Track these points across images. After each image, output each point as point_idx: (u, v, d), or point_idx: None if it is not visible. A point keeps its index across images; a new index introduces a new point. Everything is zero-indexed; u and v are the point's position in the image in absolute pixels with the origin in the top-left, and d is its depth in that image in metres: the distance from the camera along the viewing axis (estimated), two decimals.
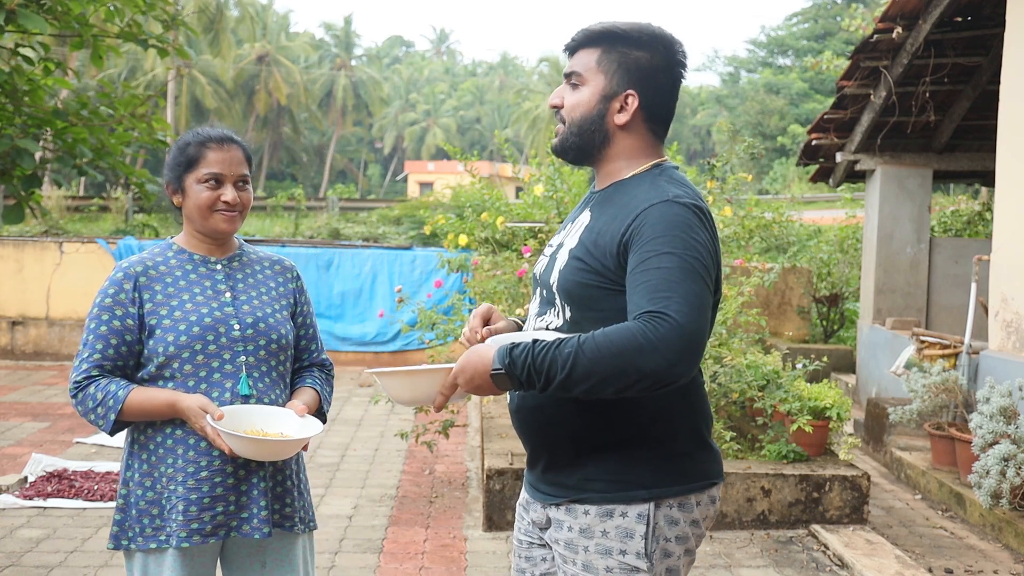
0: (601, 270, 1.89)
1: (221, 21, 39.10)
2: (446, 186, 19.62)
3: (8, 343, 10.84)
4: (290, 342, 2.47)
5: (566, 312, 1.95)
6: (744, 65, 54.70)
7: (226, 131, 2.44)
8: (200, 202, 2.37)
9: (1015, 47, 5.77)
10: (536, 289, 2.09)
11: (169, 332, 2.32)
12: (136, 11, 5.37)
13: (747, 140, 7.72)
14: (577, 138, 2.00)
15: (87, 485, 5.55)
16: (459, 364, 1.86)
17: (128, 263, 2.40)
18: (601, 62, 1.97)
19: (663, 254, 1.80)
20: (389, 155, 63.70)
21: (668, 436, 1.93)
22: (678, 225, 1.83)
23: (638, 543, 1.90)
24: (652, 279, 1.78)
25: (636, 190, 1.94)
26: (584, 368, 1.73)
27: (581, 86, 1.99)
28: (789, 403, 5.34)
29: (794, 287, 10.50)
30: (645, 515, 1.90)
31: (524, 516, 2.11)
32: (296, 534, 2.45)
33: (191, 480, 2.29)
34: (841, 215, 14.23)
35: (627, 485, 1.90)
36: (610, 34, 1.97)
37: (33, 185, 5.10)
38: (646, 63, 1.97)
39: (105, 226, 17.68)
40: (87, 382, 2.32)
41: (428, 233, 9.05)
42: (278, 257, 2.59)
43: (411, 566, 4.49)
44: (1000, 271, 5.80)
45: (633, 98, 1.96)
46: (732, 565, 4.58)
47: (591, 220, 1.98)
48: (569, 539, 1.94)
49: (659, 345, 1.71)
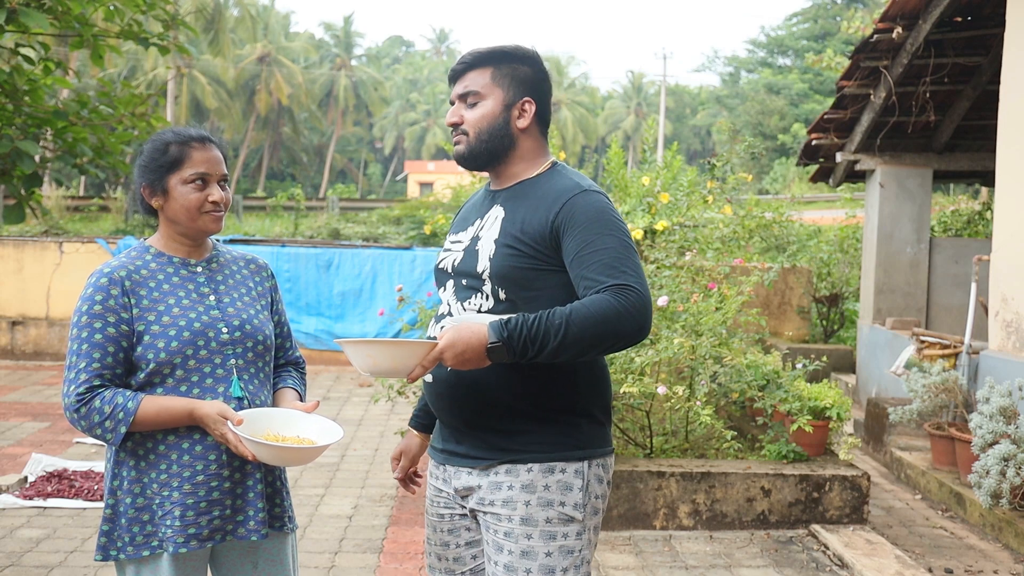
0: (534, 253, 2.15)
1: (221, 21, 39.08)
2: (446, 186, 19.62)
3: (8, 343, 10.84)
4: (273, 342, 2.48)
5: (500, 294, 2.17)
6: (744, 65, 54.70)
7: (202, 130, 2.42)
8: (189, 203, 2.33)
9: (1015, 47, 5.77)
10: (450, 281, 2.28)
11: (159, 339, 2.28)
12: (136, 11, 5.38)
13: (747, 140, 7.72)
14: (487, 144, 2.25)
15: (87, 485, 5.55)
16: (447, 339, 2.01)
17: (110, 268, 2.33)
18: (495, 77, 2.25)
19: (604, 235, 2.11)
20: (389, 155, 63.72)
21: (594, 405, 2.23)
22: (602, 211, 2.15)
23: (576, 495, 2.17)
24: (604, 258, 2.08)
25: (548, 184, 2.23)
26: (574, 335, 2.00)
27: (480, 101, 2.25)
28: (789, 403, 5.34)
29: (794, 287, 10.50)
30: (581, 471, 2.18)
31: (443, 489, 2.31)
32: (286, 533, 2.46)
33: (187, 485, 2.27)
34: (841, 215, 14.24)
35: (566, 446, 2.18)
36: (497, 53, 2.27)
37: (33, 185, 5.10)
38: (531, 75, 2.27)
39: (105, 226, 17.68)
40: (90, 395, 2.22)
41: (428, 233, 9.07)
42: (252, 256, 2.58)
43: (411, 566, 4.49)
44: (1000, 271, 5.80)
45: (530, 104, 2.26)
46: (732, 565, 4.58)
47: (507, 213, 2.22)
48: (508, 496, 2.16)
49: (633, 312, 2.02)
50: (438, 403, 2.26)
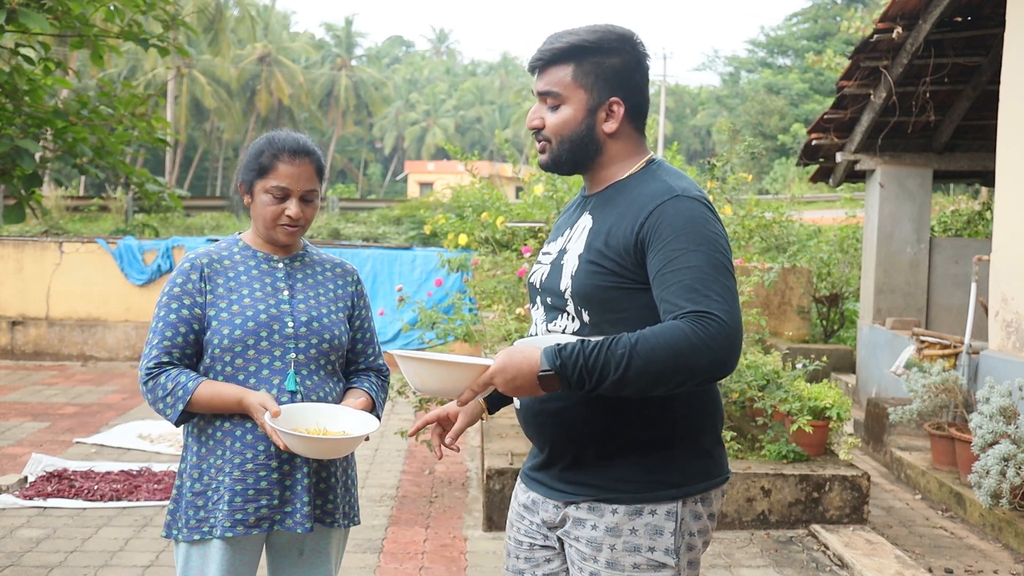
0: (619, 270, 1.91)
1: (221, 21, 39.08)
2: (446, 186, 19.60)
3: (8, 343, 10.84)
4: (342, 343, 2.50)
5: (583, 316, 1.95)
6: (744, 65, 54.69)
7: (302, 141, 2.47)
8: (265, 213, 2.42)
9: (1015, 47, 5.77)
10: (538, 297, 2.08)
11: (225, 325, 2.37)
12: (136, 11, 5.38)
13: (747, 140, 7.72)
14: (570, 154, 2.01)
15: (87, 485, 5.55)
16: (498, 363, 1.82)
17: (195, 255, 2.46)
18: (577, 76, 1.97)
19: (689, 252, 1.83)
20: (389, 155, 63.70)
21: (694, 435, 1.97)
22: (694, 220, 1.86)
23: (667, 540, 1.93)
24: (685, 279, 1.81)
25: (639, 188, 1.96)
26: (638, 368, 1.75)
27: (562, 104, 1.99)
28: (789, 403, 5.34)
29: (794, 287, 10.50)
30: (674, 512, 1.93)
31: (527, 516, 2.10)
32: (335, 529, 2.51)
33: (237, 471, 2.35)
34: (841, 215, 14.24)
35: (656, 485, 1.93)
36: (579, 48, 1.97)
37: (33, 185, 5.10)
38: (620, 67, 1.98)
39: (105, 226, 17.66)
40: (158, 370, 2.35)
41: (428, 233, 9.05)
42: (340, 260, 2.64)
43: (411, 566, 4.49)
44: (1000, 271, 5.80)
45: (619, 105, 1.99)
46: (732, 565, 4.58)
47: (594, 223, 1.98)
48: (592, 537, 1.94)
49: (711, 344, 1.75)
50: (524, 428, 2.08)
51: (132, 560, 4.51)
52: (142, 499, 5.40)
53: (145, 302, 10.89)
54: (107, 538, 4.80)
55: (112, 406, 8.21)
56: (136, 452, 6.59)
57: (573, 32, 1.99)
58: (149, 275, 10.90)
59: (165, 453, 6.54)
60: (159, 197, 5.76)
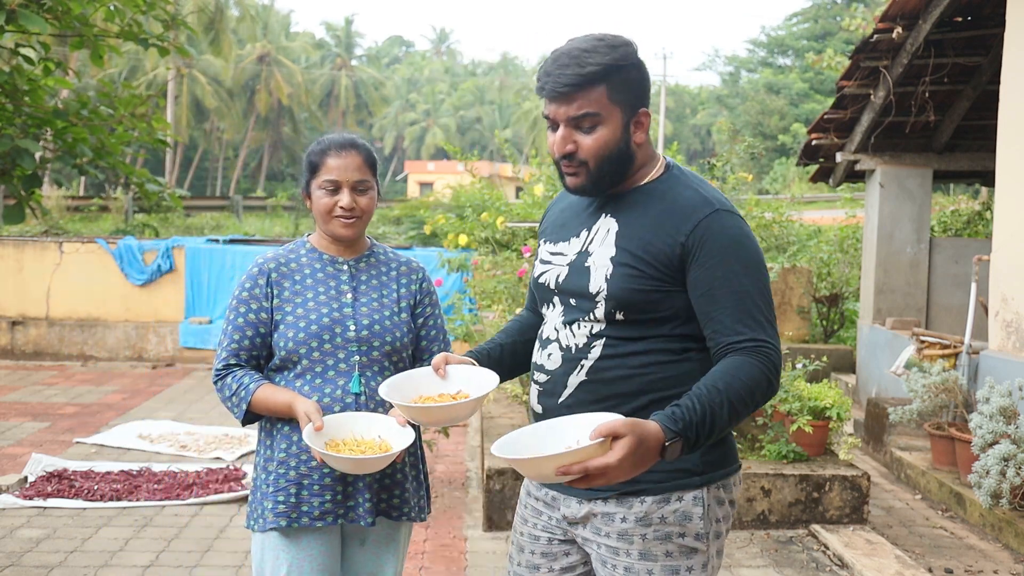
0: (658, 275, 1.96)
1: (221, 21, 39.10)
2: (446, 186, 19.60)
3: (8, 343, 10.84)
4: (405, 344, 2.54)
5: (617, 316, 1.98)
6: (744, 65, 54.70)
7: (349, 136, 2.54)
8: (320, 207, 2.49)
9: (1015, 47, 5.77)
10: (556, 298, 2.09)
11: (290, 328, 2.45)
12: (136, 11, 5.38)
13: (747, 140, 7.72)
14: (611, 173, 2.01)
15: (87, 485, 5.55)
16: (619, 454, 1.69)
17: (263, 259, 2.54)
18: (612, 95, 1.96)
19: (741, 273, 1.93)
20: (389, 155, 63.69)
21: None
22: (740, 240, 1.96)
23: (696, 524, 1.99)
24: (740, 302, 1.92)
25: (671, 194, 2.01)
26: (737, 415, 1.85)
27: (599, 125, 1.97)
28: (789, 403, 5.34)
29: (794, 287, 10.50)
30: (700, 498, 2.00)
31: (545, 512, 2.12)
32: (402, 522, 2.57)
33: (303, 467, 2.43)
34: (841, 215, 14.23)
35: (680, 474, 1.99)
36: (611, 68, 1.95)
37: (33, 185, 5.11)
38: (640, 78, 2.02)
39: (105, 226, 17.66)
40: (225, 372, 2.47)
41: (428, 233, 9.05)
42: (407, 258, 2.67)
43: (411, 566, 4.49)
44: (1000, 271, 5.80)
45: (646, 116, 2.03)
46: (732, 565, 4.58)
47: (621, 226, 2.01)
48: (624, 529, 1.99)
49: (771, 375, 1.88)
50: None
51: (132, 560, 4.51)
52: (142, 499, 5.40)
53: (145, 302, 10.90)
54: (107, 538, 4.81)
55: (112, 406, 8.21)
56: (136, 452, 6.59)
57: (590, 51, 1.96)
58: (149, 275, 10.89)
59: (165, 453, 6.54)
60: (159, 197, 5.77)
